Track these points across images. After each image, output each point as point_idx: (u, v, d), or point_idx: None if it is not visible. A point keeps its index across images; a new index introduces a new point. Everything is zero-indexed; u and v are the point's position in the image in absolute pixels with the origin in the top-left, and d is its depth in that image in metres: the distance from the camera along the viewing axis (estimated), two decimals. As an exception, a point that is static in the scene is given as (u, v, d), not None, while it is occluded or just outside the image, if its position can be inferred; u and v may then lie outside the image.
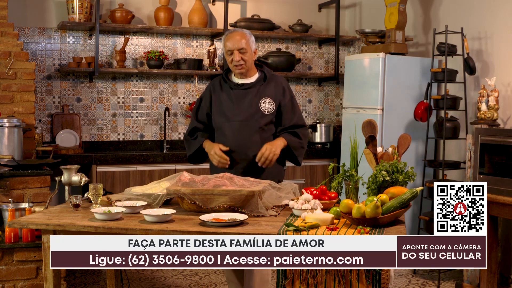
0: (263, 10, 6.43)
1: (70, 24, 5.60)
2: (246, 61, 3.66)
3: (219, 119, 3.75)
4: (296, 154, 3.74)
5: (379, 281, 2.61)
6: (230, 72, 3.82)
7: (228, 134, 3.70)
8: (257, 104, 3.70)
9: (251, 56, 3.69)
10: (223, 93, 3.77)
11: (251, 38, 3.70)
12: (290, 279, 2.69)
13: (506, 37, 4.88)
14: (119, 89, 5.99)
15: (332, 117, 6.76)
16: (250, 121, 3.68)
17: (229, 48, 3.65)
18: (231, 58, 3.66)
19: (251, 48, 3.68)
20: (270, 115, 3.71)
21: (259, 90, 3.73)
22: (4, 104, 4.83)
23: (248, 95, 3.72)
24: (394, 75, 5.37)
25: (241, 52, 3.63)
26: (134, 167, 5.47)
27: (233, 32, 3.70)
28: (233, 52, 3.64)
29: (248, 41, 3.66)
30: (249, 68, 3.72)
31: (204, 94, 3.86)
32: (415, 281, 4.99)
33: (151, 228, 2.80)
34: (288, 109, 3.75)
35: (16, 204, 4.20)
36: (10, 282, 4.02)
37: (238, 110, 3.71)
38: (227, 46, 3.67)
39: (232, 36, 3.66)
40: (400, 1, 5.46)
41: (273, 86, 3.76)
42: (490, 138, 4.40)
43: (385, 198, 2.89)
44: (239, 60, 3.64)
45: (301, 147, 3.76)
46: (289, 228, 2.74)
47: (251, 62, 3.72)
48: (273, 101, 3.72)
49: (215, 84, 3.83)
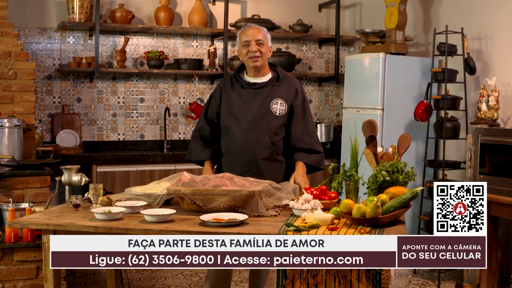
0: (263, 10, 6.43)
1: (70, 24, 5.60)
2: (263, 53, 3.55)
3: (228, 118, 3.62)
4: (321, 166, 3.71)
5: (379, 281, 2.61)
6: (242, 71, 3.70)
7: (237, 134, 3.57)
8: (268, 104, 3.57)
9: (267, 51, 3.59)
10: (234, 92, 3.63)
11: (268, 34, 3.61)
12: (290, 279, 2.69)
13: (506, 37, 4.88)
14: (119, 89, 5.99)
15: (332, 117, 6.76)
16: (260, 122, 3.56)
17: (246, 39, 3.54)
18: (247, 50, 3.54)
19: (268, 43, 3.59)
20: (281, 117, 3.58)
21: (271, 90, 3.60)
22: (4, 104, 4.84)
23: (260, 95, 3.59)
24: (394, 75, 5.38)
25: (258, 43, 3.53)
26: (134, 167, 5.47)
27: (250, 26, 3.61)
28: (250, 43, 3.53)
29: (266, 35, 3.58)
30: (264, 64, 3.60)
31: (215, 92, 3.74)
32: (415, 281, 4.99)
33: (151, 228, 2.80)
34: (298, 112, 3.62)
35: (16, 204, 4.20)
36: (10, 282, 4.02)
37: (248, 110, 3.58)
38: (243, 38, 3.55)
39: (250, 29, 3.57)
40: (400, 1, 5.46)
41: (285, 87, 3.63)
42: (490, 138, 4.40)
43: (385, 198, 2.89)
44: (256, 51, 3.52)
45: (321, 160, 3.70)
46: (289, 228, 2.74)
47: (266, 58, 3.60)
48: (285, 102, 3.60)
49: (226, 82, 3.71)
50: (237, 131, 3.58)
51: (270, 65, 3.69)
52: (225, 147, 3.66)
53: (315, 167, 3.66)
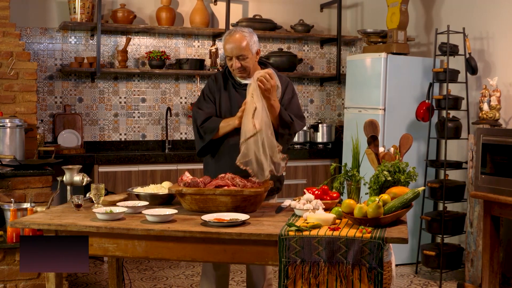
0: (264, 10, 6.43)
1: (72, 24, 5.61)
2: (246, 67, 3.44)
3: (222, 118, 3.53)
4: (280, 131, 3.42)
5: (381, 281, 2.61)
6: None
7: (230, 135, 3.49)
8: None
9: (252, 60, 3.46)
10: (226, 91, 3.56)
11: (252, 39, 3.42)
12: (292, 279, 2.69)
13: (508, 37, 4.87)
14: (121, 89, 5.99)
15: (334, 117, 6.76)
16: None
17: (228, 53, 3.41)
18: (231, 63, 3.45)
19: (252, 51, 3.41)
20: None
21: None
22: (6, 104, 4.84)
23: None
24: (396, 75, 5.37)
25: (240, 59, 3.39)
26: (136, 167, 5.48)
27: (232, 34, 3.42)
28: (231, 58, 3.42)
29: (249, 44, 3.38)
30: (252, 70, 3.49)
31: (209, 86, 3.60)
32: (417, 281, 4.99)
33: (153, 228, 2.80)
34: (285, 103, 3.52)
35: (18, 204, 4.20)
36: (12, 282, 4.03)
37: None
38: (226, 50, 3.41)
39: (232, 40, 3.39)
40: (402, 1, 5.46)
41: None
42: (492, 138, 4.40)
43: (387, 198, 2.89)
44: (239, 67, 3.43)
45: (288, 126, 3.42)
46: (291, 228, 2.74)
47: (252, 65, 3.48)
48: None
49: (219, 79, 3.59)
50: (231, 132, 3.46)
51: (260, 65, 3.59)
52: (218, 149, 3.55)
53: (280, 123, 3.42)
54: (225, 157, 3.49)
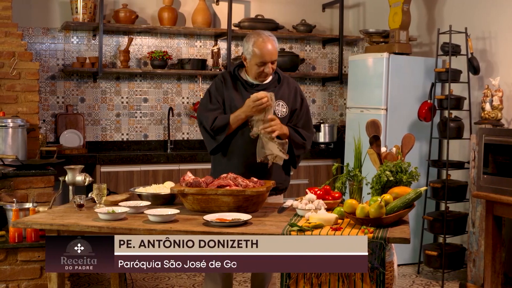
0: (267, 10, 6.43)
1: (74, 24, 5.61)
2: (274, 69, 3.52)
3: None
4: (296, 152, 3.52)
5: (383, 281, 2.61)
6: (241, 68, 3.61)
7: (239, 135, 3.50)
8: None
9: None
10: (236, 92, 3.54)
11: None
12: (294, 279, 2.69)
13: (510, 37, 4.87)
14: (123, 89, 6.00)
15: (336, 117, 6.76)
16: None
17: (263, 60, 3.42)
18: (262, 69, 3.45)
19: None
20: (283, 119, 3.50)
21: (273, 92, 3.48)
22: (8, 104, 4.84)
23: None
24: (398, 75, 5.37)
25: (273, 63, 3.47)
26: (137, 167, 5.48)
27: (266, 41, 3.43)
28: (266, 64, 3.44)
29: (277, 48, 3.50)
30: None
31: (216, 86, 3.59)
32: (419, 281, 4.99)
33: (155, 228, 2.80)
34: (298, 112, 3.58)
35: (20, 204, 4.20)
36: (14, 282, 4.03)
37: None
38: (261, 58, 3.42)
39: (267, 47, 3.41)
40: (404, 1, 5.46)
41: (286, 89, 3.58)
42: (494, 138, 4.39)
43: (389, 198, 2.89)
44: (270, 71, 3.47)
45: (302, 147, 3.55)
46: (293, 228, 2.74)
47: None
48: (286, 104, 3.55)
49: (227, 80, 3.58)
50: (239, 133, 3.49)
51: None
52: (227, 148, 3.56)
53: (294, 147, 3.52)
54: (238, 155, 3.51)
